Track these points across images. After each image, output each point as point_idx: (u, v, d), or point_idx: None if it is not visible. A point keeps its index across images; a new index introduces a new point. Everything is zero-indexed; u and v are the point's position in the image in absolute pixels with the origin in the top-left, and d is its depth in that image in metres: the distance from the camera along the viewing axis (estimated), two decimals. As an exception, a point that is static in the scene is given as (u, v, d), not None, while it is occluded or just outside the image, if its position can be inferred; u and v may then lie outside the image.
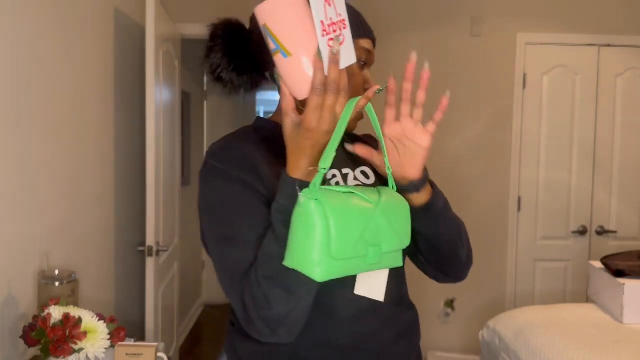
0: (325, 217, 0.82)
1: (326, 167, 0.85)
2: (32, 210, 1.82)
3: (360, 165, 1.12)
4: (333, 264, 0.84)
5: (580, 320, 2.41)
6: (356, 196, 0.88)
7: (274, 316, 0.88)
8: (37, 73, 1.85)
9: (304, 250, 0.83)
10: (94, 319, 1.50)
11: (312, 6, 0.80)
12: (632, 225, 3.63)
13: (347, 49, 0.84)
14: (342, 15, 0.83)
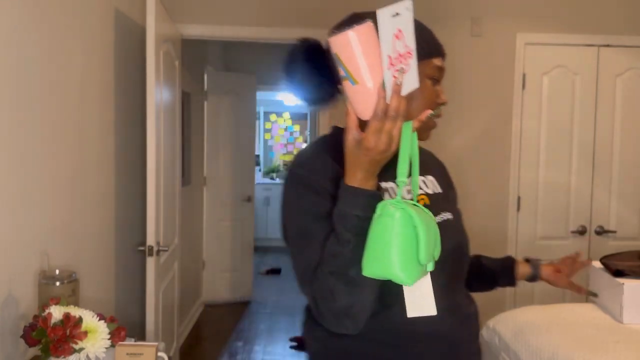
0: (413, 226, 0.92)
1: (404, 180, 0.97)
2: (33, 210, 1.82)
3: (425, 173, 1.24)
4: (417, 270, 0.94)
5: (579, 320, 2.41)
6: (420, 207, 0.99)
7: (339, 308, 1.01)
8: (38, 73, 1.85)
9: (390, 257, 0.91)
10: (94, 319, 1.50)
11: (381, 43, 0.89)
12: (632, 225, 3.63)
13: (411, 77, 0.94)
14: (409, 47, 0.93)
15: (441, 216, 1.18)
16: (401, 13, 0.90)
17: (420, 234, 0.92)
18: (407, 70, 0.93)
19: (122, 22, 2.71)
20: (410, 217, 0.92)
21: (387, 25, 0.89)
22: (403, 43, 0.91)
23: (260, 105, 8.06)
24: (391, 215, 0.92)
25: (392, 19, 0.89)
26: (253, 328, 4.83)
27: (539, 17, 3.58)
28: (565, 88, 3.58)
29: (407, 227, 0.92)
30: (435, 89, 1.16)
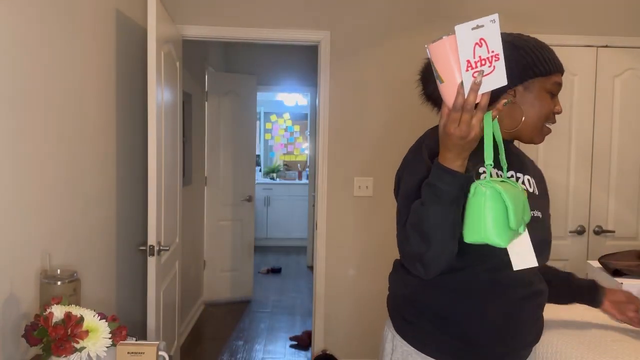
0: (502, 200, 1.15)
1: (491, 162, 1.21)
2: (34, 210, 1.83)
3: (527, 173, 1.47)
4: (509, 234, 1.17)
5: (578, 319, 2.42)
6: (508, 183, 1.21)
7: (412, 252, 1.26)
8: (38, 74, 1.86)
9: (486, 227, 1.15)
10: (95, 318, 1.51)
11: (459, 50, 1.13)
12: (630, 225, 3.64)
13: (496, 76, 1.14)
14: (495, 51, 1.14)
15: (534, 212, 1.37)
16: (485, 25, 1.15)
17: (508, 205, 1.14)
18: (490, 71, 1.13)
19: (123, 23, 2.72)
20: (499, 193, 1.15)
21: (466, 36, 1.13)
22: (486, 49, 1.13)
23: (260, 106, 8.07)
24: (483, 193, 1.15)
25: (473, 31, 1.14)
26: (253, 327, 4.84)
27: (537, 18, 3.59)
28: (564, 89, 3.55)
29: (497, 201, 1.15)
30: (552, 101, 1.41)
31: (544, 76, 1.40)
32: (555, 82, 1.42)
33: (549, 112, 1.42)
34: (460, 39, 1.13)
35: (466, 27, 1.14)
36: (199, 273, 5.21)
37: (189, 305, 4.69)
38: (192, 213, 4.74)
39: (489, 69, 1.13)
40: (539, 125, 1.42)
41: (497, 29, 1.16)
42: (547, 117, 1.42)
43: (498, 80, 1.14)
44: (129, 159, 2.83)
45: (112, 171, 2.59)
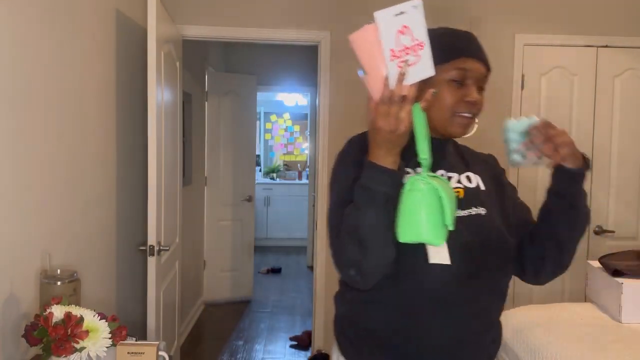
0: (437, 197, 1.10)
1: (426, 157, 1.14)
2: (34, 210, 1.83)
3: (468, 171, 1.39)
4: (444, 232, 1.11)
5: (578, 319, 2.42)
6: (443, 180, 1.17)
7: (347, 261, 1.17)
8: (38, 74, 1.86)
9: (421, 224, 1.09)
10: (95, 318, 1.51)
11: (381, 39, 1.06)
12: (630, 225, 3.64)
13: (422, 65, 1.08)
14: (419, 40, 1.07)
15: (471, 210, 1.28)
16: (407, 11, 1.06)
17: (445, 202, 1.09)
18: (416, 61, 1.07)
19: (123, 23, 2.72)
20: (435, 189, 1.10)
21: (387, 24, 1.05)
22: (410, 37, 1.07)
23: (260, 106, 8.07)
24: (419, 189, 1.10)
25: (395, 18, 1.05)
26: (253, 327, 4.84)
27: (538, 18, 3.59)
28: (564, 89, 3.59)
29: (433, 197, 1.09)
30: (462, 89, 1.27)
31: (441, 64, 1.24)
32: (456, 67, 1.26)
33: (455, 101, 1.27)
34: (382, 26, 1.06)
35: (387, 14, 1.06)
36: (199, 273, 5.21)
37: (189, 305, 4.69)
38: (192, 213, 4.74)
39: (414, 58, 1.08)
40: (446, 116, 1.28)
41: (420, 16, 1.07)
42: (454, 106, 1.27)
43: (425, 70, 1.09)
44: (129, 159, 2.83)
45: (112, 171, 2.59)
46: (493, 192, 1.39)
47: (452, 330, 1.24)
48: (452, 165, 1.37)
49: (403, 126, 1.09)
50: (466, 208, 1.28)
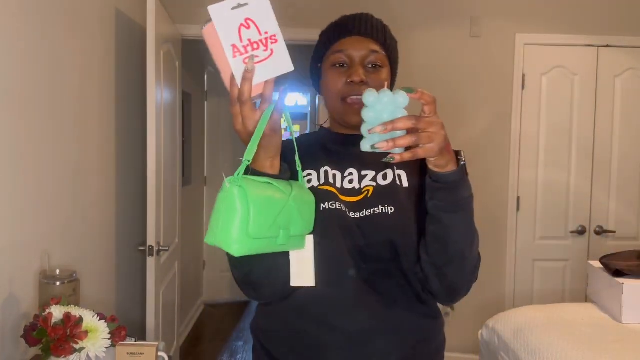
0: (246, 201, 0.95)
1: (249, 159, 1.00)
2: (34, 210, 1.82)
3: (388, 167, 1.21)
4: (250, 242, 0.97)
5: (579, 319, 2.42)
6: (273, 186, 1.02)
7: (238, 276, 1.11)
8: (38, 74, 1.86)
9: (225, 229, 0.95)
10: (94, 319, 1.50)
11: (220, 35, 0.96)
12: (631, 225, 3.63)
13: (276, 60, 0.99)
14: (269, 32, 0.97)
15: (375, 209, 1.14)
16: (250, 3, 0.95)
17: (251, 208, 0.95)
18: (267, 56, 0.98)
19: (122, 22, 2.71)
20: (245, 194, 0.96)
21: (225, 18, 0.95)
22: (256, 31, 0.97)
23: (260, 106, 8.06)
24: (228, 191, 0.96)
25: (234, 11, 0.95)
26: (253, 328, 4.83)
27: (538, 17, 3.58)
28: (565, 88, 3.58)
29: (243, 202, 0.95)
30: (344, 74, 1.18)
31: (324, 55, 1.22)
32: (334, 51, 1.20)
33: (337, 86, 1.18)
34: (218, 21, 0.96)
35: (223, 8, 0.96)
36: (199, 273, 5.21)
37: (189, 306, 4.68)
38: (192, 213, 4.73)
39: (264, 53, 0.98)
40: (336, 105, 1.20)
41: (267, 7, 0.97)
42: (340, 91, 1.18)
43: (281, 65, 1.00)
44: (128, 158, 2.83)
45: (111, 171, 2.59)
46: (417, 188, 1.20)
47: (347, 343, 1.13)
48: (370, 164, 1.21)
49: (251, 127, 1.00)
50: (370, 207, 1.15)
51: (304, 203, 1.08)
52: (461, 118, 3.60)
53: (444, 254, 1.09)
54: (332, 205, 1.15)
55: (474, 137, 3.61)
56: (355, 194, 1.18)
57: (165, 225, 2.86)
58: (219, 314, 5.18)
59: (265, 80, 0.99)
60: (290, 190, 1.05)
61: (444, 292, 1.14)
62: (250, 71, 0.96)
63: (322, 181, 1.20)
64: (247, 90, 0.97)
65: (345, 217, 1.14)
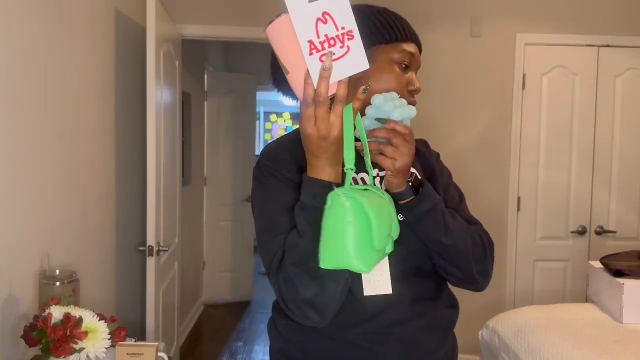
0: (365, 213, 0.90)
1: (352, 167, 0.94)
2: (33, 210, 1.82)
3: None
4: (375, 255, 0.93)
5: (579, 320, 2.42)
6: (372, 192, 0.97)
7: (302, 299, 1.00)
8: (38, 73, 1.85)
9: (345, 247, 0.90)
10: (94, 319, 1.50)
11: (296, 30, 0.89)
12: (631, 225, 3.63)
13: (352, 58, 0.92)
14: (346, 28, 0.91)
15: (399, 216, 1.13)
16: None
17: (372, 221, 0.91)
18: (344, 53, 0.91)
19: (122, 22, 2.71)
20: (360, 205, 0.91)
21: (302, 11, 0.89)
22: (333, 26, 0.90)
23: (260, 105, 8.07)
24: (341, 205, 0.90)
25: (312, 4, 0.89)
26: (253, 328, 4.83)
27: (539, 17, 3.58)
28: (565, 88, 3.58)
29: (359, 214, 0.91)
30: (406, 77, 1.14)
31: (387, 43, 1.13)
32: (403, 49, 1.13)
33: (399, 87, 1.12)
34: (295, 14, 0.89)
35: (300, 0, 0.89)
36: (199, 273, 5.20)
37: (189, 306, 4.68)
38: (192, 213, 4.73)
39: (340, 50, 0.91)
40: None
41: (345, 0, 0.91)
42: (398, 93, 1.11)
43: (356, 63, 0.93)
44: (128, 158, 2.82)
45: (111, 171, 2.58)
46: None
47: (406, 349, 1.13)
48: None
49: (336, 131, 0.93)
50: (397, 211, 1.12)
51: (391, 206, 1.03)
52: (461, 118, 3.59)
53: (435, 255, 1.15)
54: None
55: (474, 137, 3.61)
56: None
57: (165, 225, 2.86)
58: (219, 314, 5.18)
59: (339, 79, 0.92)
60: (383, 192, 1.01)
61: (465, 281, 1.19)
62: (328, 69, 0.90)
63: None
64: (325, 90, 0.90)
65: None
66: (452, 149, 3.59)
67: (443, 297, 1.21)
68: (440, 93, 3.59)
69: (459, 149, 3.59)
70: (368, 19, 1.13)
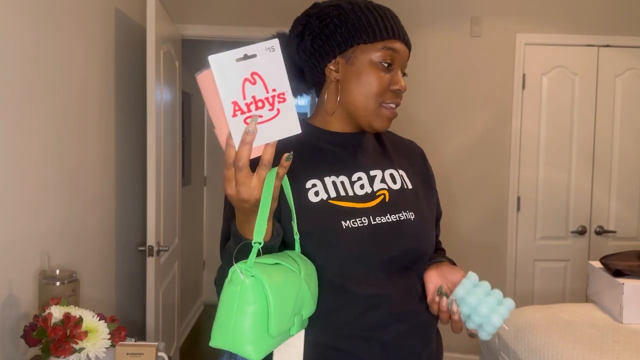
0: (264, 294, 0.84)
1: (260, 241, 0.88)
2: (33, 210, 1.82)
3: (392, 167, 1.18)
4: (270, 341, 0.86)
5: (579, 319, 2.42)
6: (283, 267, 0.91)
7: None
8: (38, 73, 1.85)
9: (242, 329, 0.83)
10: (94, 319, 1.50)
11: (219, 89, 0.82)
12: (631, 225, 3.63)
13: (282, 122, 0.86)
14: (277, 90, 0.85)
15: (400, 215, 1.12)
16: (259, 54, 0.83)
17: (270, 305, 0.84)
18: (273, 116, 0.85)
19: (122, 22, 2.71)
20: (261, 285, 0.84)
21: (228, 70, 0.82)
22: (263, 87, 0.84)
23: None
24: (239, 283, 0.84)
25: (240, 63, 0.83)
26: (253, 328, 4.83)
27: (539, 17, 3.58)
28: (565, 88, 3.58)
29: (259, 295, 0.84)
30: (388, 75, 1.09)
31: (366, 43, 1.08)
32: (384, 47, 1.08)
33: (381, 88, 1.08)
34: (219, 74, 0.81)
35: (226, 58, 0.82)
36: (199, 273, 5.20)
37: (189, 306, 4.68)
38: (192, 213, 4.73)
39: (270, 112, 0.85)
40: (370, 106, 1.09)
41: (278, 61, 0.85)
42: (380, 95, 1.08)
43: (287, 127, 0.87)
44: (128, 158, 2.82)
45: (111, 171, 2.58)
46: (420, 189, 1.22)
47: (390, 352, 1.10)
48: (374, 163, 1.17)
49: (257, 195, 0.87)
50: (393, 213, 1.11)
51: (311, 276, 0.99)
52: (461, 118, 3.59)
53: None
54: (353, 223, 1.07)
55: (474, 137, 3.61)
56: (370, 199, 1.11)
57: (165, 225, 2.86)
58: (219, 314, 5.17)
59: (267, 142, 0.86)
60: (298, 266, 0.95)
61: None
62: (251, 133, 0.83)
63: (333, 194, 1.09)
64: (246, 155, 0.84)
65: (370, 227, 1.08)
66: (452, 149, 3.59)
67: (424, 300, 1.17)
68: (441, 93, 3.59)
69: (459, 149, 3.59)
70: (347, 18, 1.09)
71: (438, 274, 1.14)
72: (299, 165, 1.07)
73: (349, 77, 1.09)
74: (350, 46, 1.09)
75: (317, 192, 1.09)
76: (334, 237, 1.05)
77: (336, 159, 1.14)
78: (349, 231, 1.06)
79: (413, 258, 1.14)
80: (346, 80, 1.09)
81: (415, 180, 1.21)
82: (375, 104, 1.09)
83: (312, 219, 1.06)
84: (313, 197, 1.08)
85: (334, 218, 1.06)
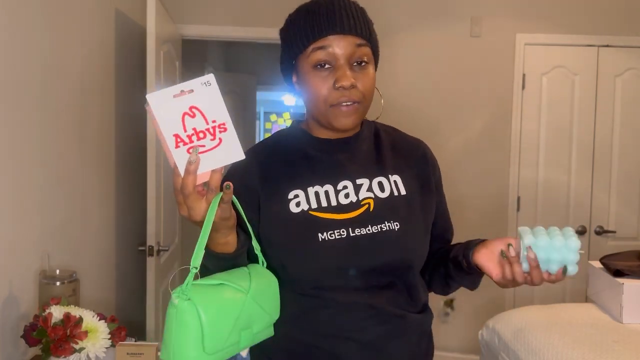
0: (198, 316, 0.89)
1: (196, 265, 0.91)
2: (33, 210, 1.82)
3: (382, 174, 1.16)
4: (207, 358, 0.91)
5: (579, 319, 2.42)
6: (227, 287, 0.95)
7: None
8: (37, 73, 1.85)
9: (178, 349, 0.89)
10: (94, 319, 1.50)
11: (159, 124, 0.86)
12: (631, 225, 3.63)
13: (224, 150, 0.91)
14: (217, 121, 0.91)
15: (382, 225, 1.09)
16: (196, 89, 0.89)
17: (203, 322, 0.89)
18: (215, 145, 0.90)
19: (122, 22, 2.71)
20: (194, 307, 0.89)
21: (166, 107, 0.87)
22: (203, 119, 0.90)
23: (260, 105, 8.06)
24: (173, 305, 0.90)
25: (177, 99, 0.88)
26: (253, 328, 4.82)
27: (539, 17, 3.58)
28: (565, 88, 3.58)
29: (193, 316, 0.89)
30: (329, 76, 1.06)
31: (302, 52, 1.08)
32: (315, 48, 1.05)
33: (324, 91, 1.06)
34: (158, 111, 0.86)
35: (163, 95, 0.87)
36: (199, 273, 5.19)
37: (189, 306, 4.67)
38: (192, 213, 4.72)
39: (212, 142, 0.90)
40: (322, 110, 1.07)
41: (215, 94, 0.92)
42: (326, 97, 1.06)
43: (231, 154, 0.91)
44: (128, 158, 2.83)
45: (111, 171, 2.58)
46: (417, 194, 1.18)
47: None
48: (362, 170, 1.15)
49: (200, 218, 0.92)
50: (375, 223, 1.09)
51: (265, 292, 1.02)
52: (461, 118, 3.59)
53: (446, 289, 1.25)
54: (331, 236, 1.07)
55: (474, 137, 3.61)
56: (354, 208, 1.10)
57: (165, 225, 2.86)
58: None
59: (212, 169, 0.90)
60: (248, 283, 0.98)
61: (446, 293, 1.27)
62: (194, 163, 0.88)
63: (314, 205, 1.09)
64: (190, 183, 0.89)
65: (348, 239, 1.07)
66: (452, 149, 3.59)
67: (412, 304, 1.16)
68: (441, 93, 3.59)
69: (459, 149, 3.59)
70: (286, 35, 1.12)
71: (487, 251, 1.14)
72: (284, 173, 1.12)
73: (302, 87, 1.12)
74: (293, 60, 1.12)
75: (299, 202, 1.10)
76: (310, 249, 1.06)
77: (323, 167, 1.14)
78: (325, 243, 1.06)
79: (395, 269, 1.11)
80: (302, 91, 1.12)
81: (412, 185, 1.18)
82: (324, 107, 1.07)
83: (289, 230, 1.08)
84: (294, 207, 1.09)
85: (311, 230, 1.07)
